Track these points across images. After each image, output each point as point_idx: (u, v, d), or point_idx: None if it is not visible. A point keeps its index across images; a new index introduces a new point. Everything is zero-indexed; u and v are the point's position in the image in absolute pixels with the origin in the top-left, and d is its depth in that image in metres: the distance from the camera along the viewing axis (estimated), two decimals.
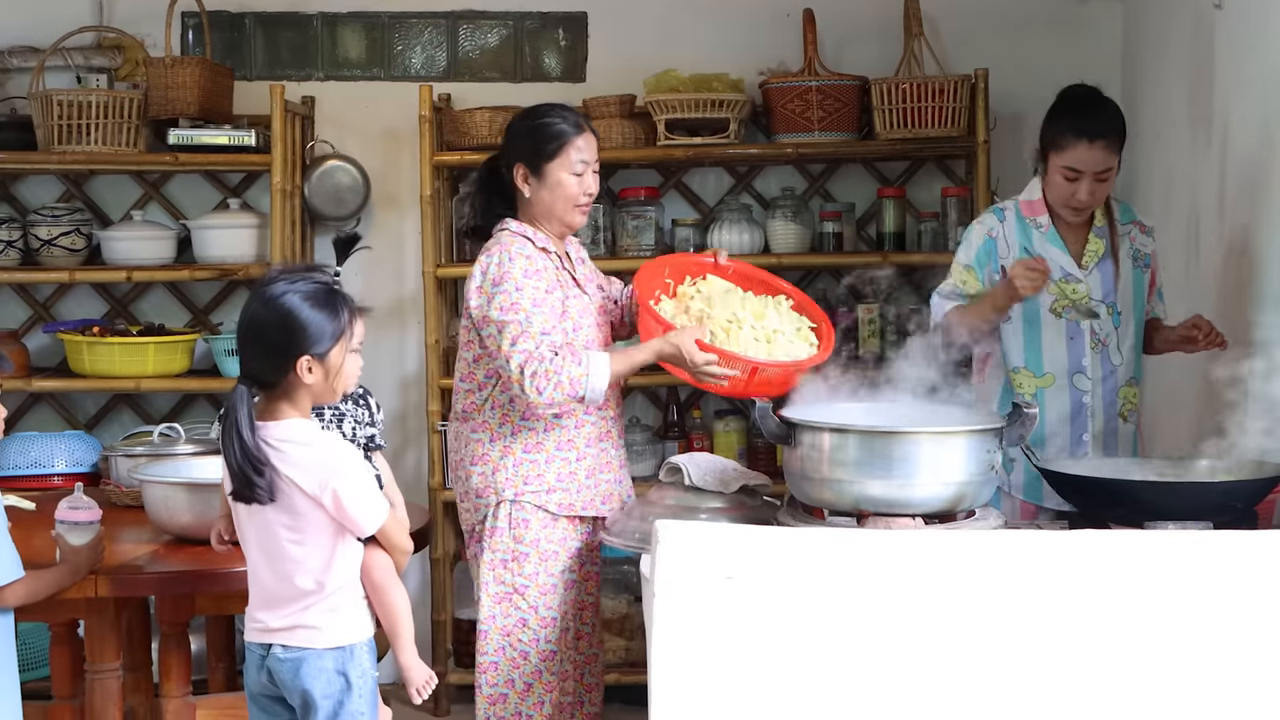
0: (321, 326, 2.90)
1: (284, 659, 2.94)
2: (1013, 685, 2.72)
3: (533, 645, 3.51)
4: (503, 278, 3.45)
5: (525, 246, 3.52)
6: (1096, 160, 3.67)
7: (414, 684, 3.12)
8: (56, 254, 5.08)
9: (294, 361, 2.89)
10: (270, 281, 2.94)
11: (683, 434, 5.18)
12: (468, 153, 5.00)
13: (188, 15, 5.24)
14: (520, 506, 3.51)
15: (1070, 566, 2.76)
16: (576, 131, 3.58)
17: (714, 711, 2.75)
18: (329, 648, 2.95)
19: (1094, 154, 3.66)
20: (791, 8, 5.17)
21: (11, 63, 5.24)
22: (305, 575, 2.93)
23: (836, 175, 5.29)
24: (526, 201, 3.59)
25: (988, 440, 3.26)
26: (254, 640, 3.00)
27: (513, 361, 3.39)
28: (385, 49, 5.39)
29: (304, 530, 2.92)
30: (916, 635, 2.74)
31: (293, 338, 2.89)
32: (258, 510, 2.91)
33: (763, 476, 3.70)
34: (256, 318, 2.92)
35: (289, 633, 2.95)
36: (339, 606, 2.97)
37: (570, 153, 3.56)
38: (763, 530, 2.91)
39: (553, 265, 3.57)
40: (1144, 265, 3.86)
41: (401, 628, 3.10)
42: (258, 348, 2.93)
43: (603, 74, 5.22)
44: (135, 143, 4.99)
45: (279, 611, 2.95)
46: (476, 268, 3.53)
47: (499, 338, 3.41)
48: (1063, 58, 5.19)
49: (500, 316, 3.42)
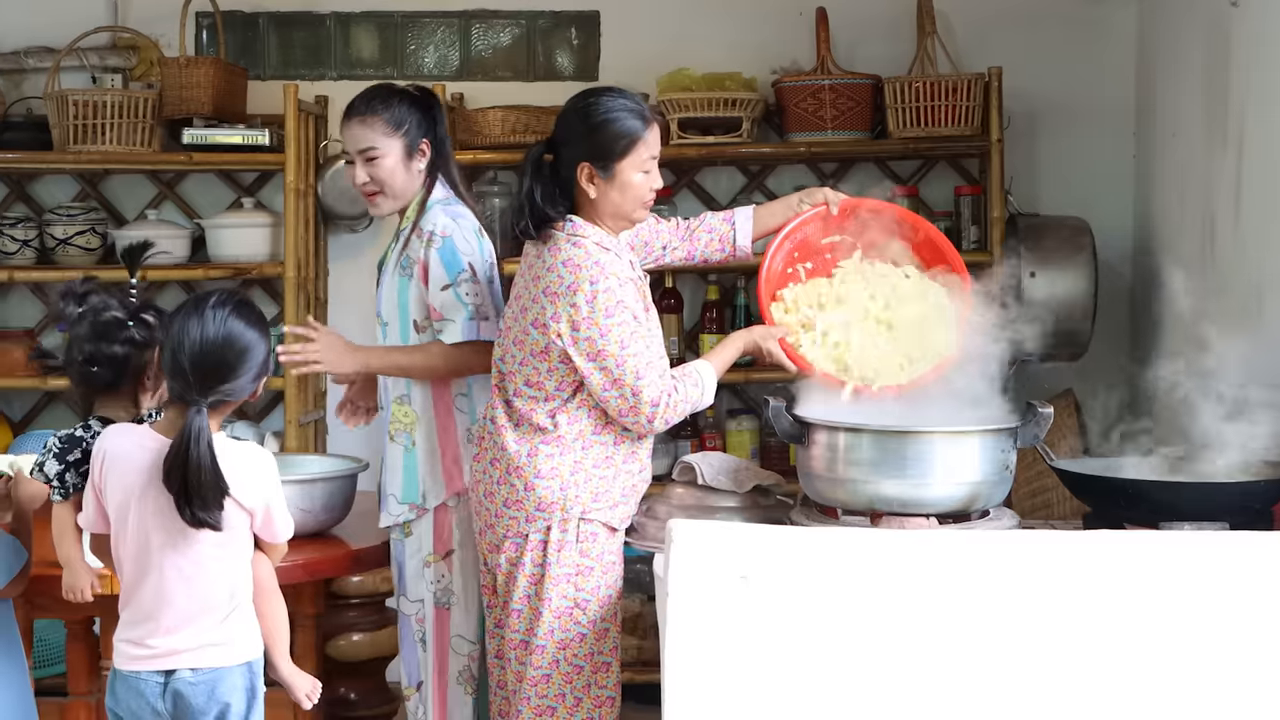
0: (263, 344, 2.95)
1: (196, 681, 2.86)
2: (1027, 685, 2.72)
3: (587, 659, 3.40)
4: (614, 305, 3.31)
5: (614, 261, 3.38)
6: (352, 137, 3.66)
7: (302, 689, 3.04)
8: (72, 253, 5.10)
9: (260, 382, 2.93)
10: (204, 304, 2.89)
11: (695, 433, 5.18)
12: (481, 152, 5.00)
13: (202, 15, 5.25)
14: (589, 523, 3.40)
15: (1085, 567, 2.76)
16: (646, 126, 3.40)
17: (727, 711, 2.75)
18: (238, 663, 2.90)
19: (349, 130, 3.67)
20: (804, 6, 5.17)
21: (27, 63, 5.26)
22: (222, 589, 2.88)
23: (849, 174, 5.28)
24: (591, 200, 3.41)
25: (1002, 440, 3.26)
26: (148, 668, 2.88)
27: (643, 396, 3.30)
28: (398, 48, 5.40)
29: (229, 545, 2.87)
30: (930, 635, 2.74)
31: (248, 351, 2.90)
32: (175, 529, 2.83)
33: (776, 476, 3.70)
34: (209, 339, 2.86)
35: (197, 653, 2.87)
36: (245, 618, 2.92)
37: (641, 150, 3.39)
38: (776, 530, 2.92)
39: (636, 275, 3.46)
40: (408, 274, 3.62)
41: (284, 634, 3.03)
42: (216, 369, 2.86)
43: (615, 73, 5.21)
44: (150, 142, 5.00)
45: (187, 631, 2.87)
46: (557, 278, 3.34)
47: (618, 370, 3.30)
48: (1077, 56, 5.20)
49: (619, 351, 3.30)
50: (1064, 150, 5.21)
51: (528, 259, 3.48)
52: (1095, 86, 5.20)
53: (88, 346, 3.03)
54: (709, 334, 5.13)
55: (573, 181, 3.40)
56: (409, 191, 3.66)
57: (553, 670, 3.39)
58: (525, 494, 3.39)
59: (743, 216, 3.72)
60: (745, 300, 5.16)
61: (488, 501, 3.47)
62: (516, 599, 3.42)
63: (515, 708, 3.43)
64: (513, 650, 3.44)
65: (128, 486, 2.85)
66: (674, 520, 2.87)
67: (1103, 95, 5.20)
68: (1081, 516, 3.53)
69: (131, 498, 2.85)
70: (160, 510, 2.83)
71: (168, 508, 2.83)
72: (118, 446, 2.88)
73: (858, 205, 3.67)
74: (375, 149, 3.60)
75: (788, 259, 3.66)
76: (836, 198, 3.65)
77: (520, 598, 3.41)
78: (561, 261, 3.35)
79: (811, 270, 3.67)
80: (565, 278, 3.33)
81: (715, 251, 3.73)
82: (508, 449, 3.41)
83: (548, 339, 3.35)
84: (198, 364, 2.84)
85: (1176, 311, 4.07)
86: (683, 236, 3.72)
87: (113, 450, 2.88)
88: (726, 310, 5.19)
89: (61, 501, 3.00)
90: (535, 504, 3.38)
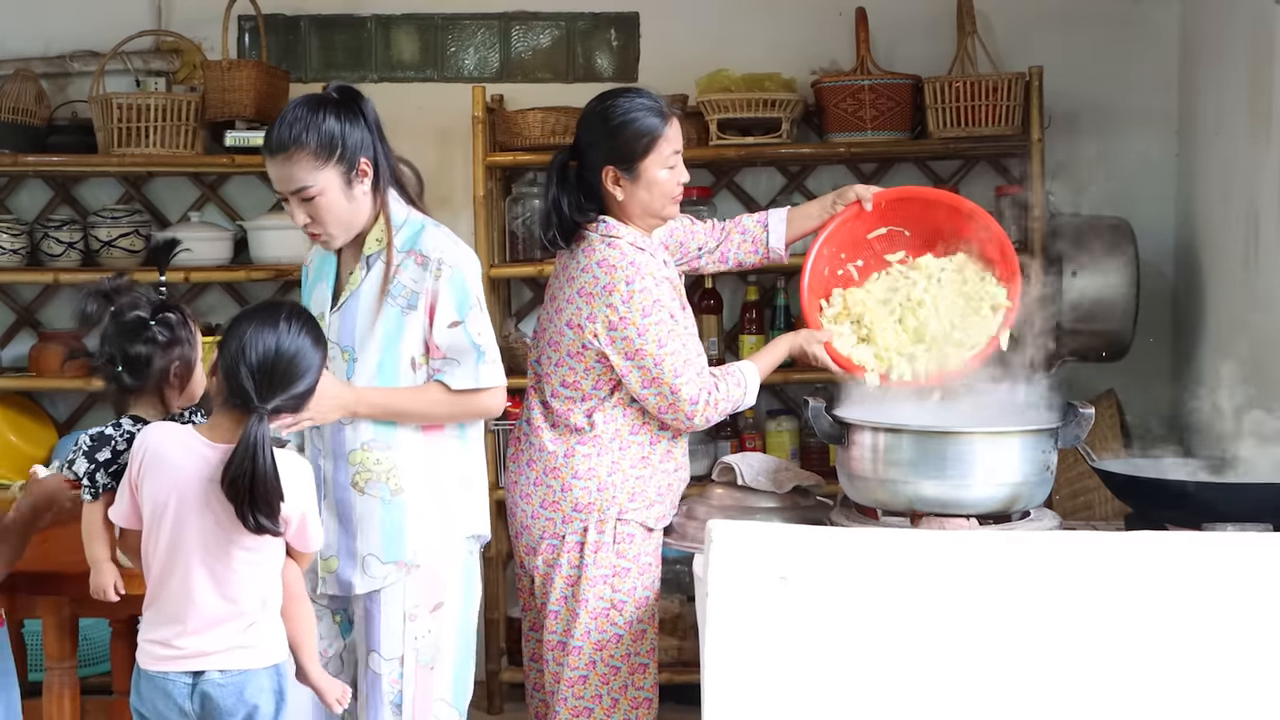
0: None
1: (225, 683, 2.85)
2: (1069, 687, 2.71)
3: (624, 660, 3.43)
4: (651, 304, 3.33)
5: (649, 261, 3.39)
6: (278, 177, 3.14)
7: (332, 694, 3.02)
8: (116, 255, 5.13)
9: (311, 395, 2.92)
10: (277, 315, 2.89)
11: (735, 433, 5.18)
12: (521, 153, 5.01)
13: (244, 18, 5.29)
14: (625, 523, 3.42)
15: (1127, 568, 2.75)
16: (665, 122, 3.41)
17: (766, 711, 2.75)
18: (265, 666, 2.89)
19: (274, 169, 3.14)
20: (844, 6, 5.16)
21: (72, 67, 5.31)
22: (254, 595, 2.87)
23: (889, 174, 5.26)
24: (619, 202, 3.43)
25: (1042, 440, 3.25)
26: (175, 669, 2.87)
27: (682, 394, 3.33)
28: (438, 50, 5.42)
29: (263, 550, 2.86)
30: (970, 636, 2.73)
31: (310, 370, 2.90)
32: (211, 532, 2.83)
33: (816, 476, 3.70)
34: (282, 350, 2.86)
35: (227, 655, 2.86)
36: (273, 622, 2.92)
37: (662, 146, 3.40)
38: (816, 530, 2.92)
39: (671, 273, 3.48)
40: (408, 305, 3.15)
41: (312, 639, 3.02)
42: (287, 381, 2.86)
43: (654, 74, 5.22)
44: (193, 145, 5.04)
45: (215, 633, 2.86)
46: (592, 279, 3.36)
47: (656, 368, 3.33)
48: (1118, 55, 5.17)
49: (657, 350, 3.32)
50: (1105, 149, 5.18)
51: (561, 260, 3.49)
52: (1137, 85, 5.18)
53: (112, 346, 3.03)
54: (748, 335, 5.13)
55: (599, 185, 3.41)
56: (359, 219, 3.16)
57: (589, 671, 3.40)
58: (562, 495, 3.40)
59: (776, 218, 3.72)
60: (785, 301, 5.15)
61: (524, 503, 3.48)
62: (553, 600, 3.43)
63: (553, 709, 3.44)
64: (550, 652, 3.45)
65: (166, 485, 2.84)
66: (713, 521, 2.88)
67: (1144, 94, 5.17)
68: (1123, 517, 3.51)
69: (170, 497, 2.84)
70: (199, 513, 2.83)
71: (207, 511, 2.82)
72: (159, 445, 2.87)
73: (893, 196, 3.67)
74: (309, 187, 3.09)
75: (833, 260, 3.67)
76: (868, 194, 3.65)
77: (557, 599, 3.42)
78: (596, 262, 3.36)
79: (863, 267, 3.67)
80: (601, 278, 3.34)
81: (748, 253, 3.73)
82: (545, 449, 3.43)
83: (584, 339, 3.36)
84: (265, 373, 2.82)
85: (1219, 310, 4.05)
86: (717, 238, 3.72)
87: (154, 448, 2.86)
88: (766, 311, 5.19)
89: (91, 501, 3.00)
90: (572, 505, 3.39)
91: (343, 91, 3.18)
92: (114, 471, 2.96)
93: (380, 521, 3.14)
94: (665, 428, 3.44)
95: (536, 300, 5.35)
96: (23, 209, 5.38)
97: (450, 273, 3.13)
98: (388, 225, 3.17)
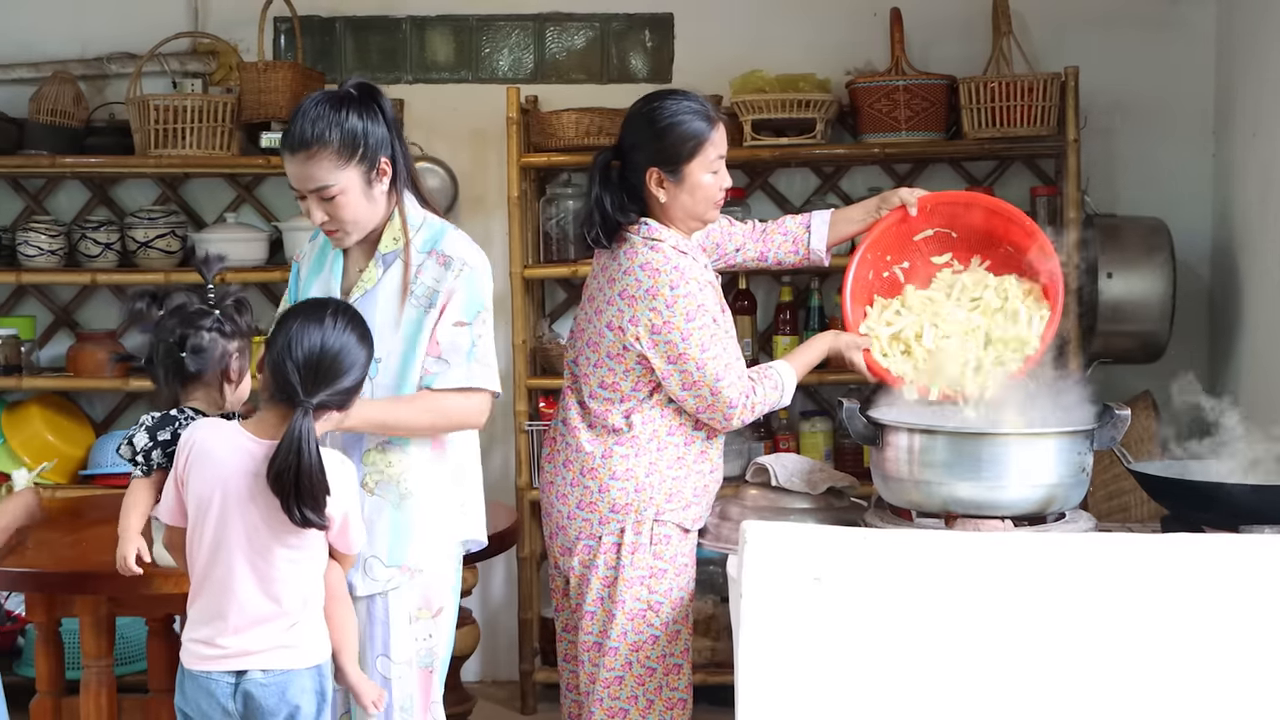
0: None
1: (267, 683, 2.86)
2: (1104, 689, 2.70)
3: (660, 661, 3.42)
4: (695, 309, 3.33)
5: (693, 265, 3.39)
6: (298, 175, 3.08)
7: (369, 696, 3.02)
8: (153, 256, 5.17)
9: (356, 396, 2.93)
10: (323, 312, 2.91)
11: (769, 434, 5.18)
12: (555, 154, 5.02)
13: (280, 20, 5.31)
14: (662, 524, 3.41)
15: (1163, 570, 2.74)
16: (711, 126, 3.40)
17: (800, 713, 2.75)
18: (308, 666, 2.90)
19: (294, 168, 3.08)
20: (878, 7, 5.15)
21: (110, 69, 5.35)
22: (296, 595, 2.87)
23: (924, 175, 5.25)
24: (661, 204, 3.41)
25: (1078, 442, 3.24)
26: (219, 668, 2.87)
27: (721, 397, 3.33)
28: (473, 51, 5.43)
29: (303, 549, 2.87)
30: (1005, 638, 2.72)
31: (355, 366, 2.91)
32: (255, 528, 2.84)
33: (850, 477, 3.69)
34: (328, 346, 2.87)
35: (270, 654, 2.87)
36: (315, 622, 2.92)
37: (707, 150, 3.39)
38: (850, 531, 2.91)
39: (712, 277, 3.48)
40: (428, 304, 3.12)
41: (352, 641, 3.02)
42: (332, 376, 2.87)
43: (689, 75, 5.22)
44: (229, 146, 5.06)
45: (258, 632, 2.86)
46: (634, 282, 3.35)
47: (698, 372, 3.33)
48: (1155, 55, 5.14)
49: (700, 354, 3.32)
50: (1142, 150, 5.16)
51: (600, 261, 3.49)
52: (1173, 85, 5.15)
53: (178, 332, 3.02)
54: (782, 335, 5.13)
55: (641, 186, 3.41)
56: (375, 218, 3.13)
57: (625, 672, 3.40)
58: (599, 496, 3.40)
59: (819, 219, 3.71)
60: (819, 302, 5.15)
61: (560, 503, 3.48)
62: (589, 601, 3.43)
63: (588, 710, 3.44)
64: (585, 653, 3.45)
65: (211, 481, 2.84)
66: (747, 522, 2.88)
67: (1181, 94, 5.15)
68: (1159, 519, 3.50)
69: (215, 493, 2.84)
70: (243, 509, 2.83)
71: (251, 507, 2.83)
72: (205, 441, 2.87)
73: (938, 200, 3.65)
74: (330, 186, 3.05)
75: (877, 264, 3.65)
76: (913, 198, 3.63)
77: (593, 600, 3.43)
78: (639, 265, 3.36)
79: (909, 269, 3.65)
80: (643, 281, 3.34)
81: (788, 253, 3.72)
82: (582, 449, 3.43)
83: (625, 341, 3.36)
84: (311, 368, 2.83)
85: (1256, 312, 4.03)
86: (756, 238, 3.72)
87: (200, 444, 2.87)
88: (800, 312, 5.18)
89: (141, 478, 3.01)
90: (609, 506, 3.39)
91: (361, 88, 3.14)
92: (170, 453, 2.97)
93: (389, 524, 3.12)
94: (700, 428, 3.44)
95: (570, 301, 5.35)
96: (61, 210, 5.42)
97: (470, 274, 3.12)
98: (404, 224, 3.15)
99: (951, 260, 3.66)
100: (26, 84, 5.28)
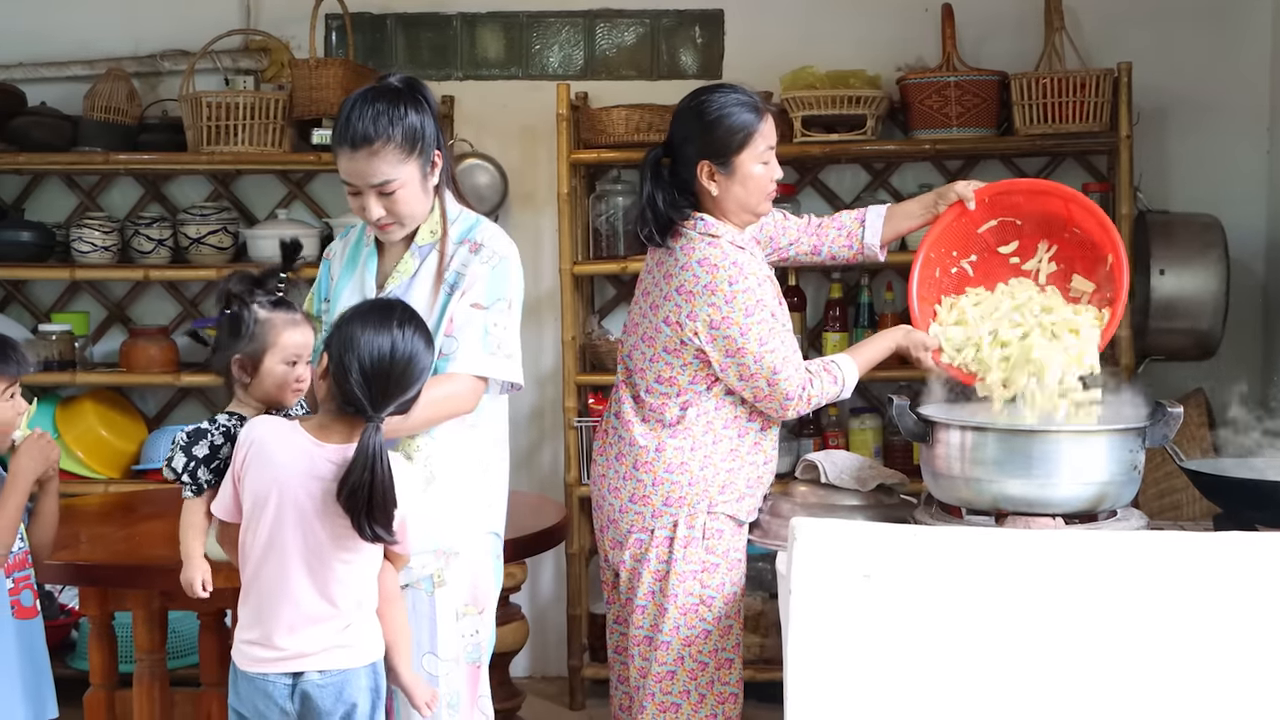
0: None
1: (324, 683, 2.85)
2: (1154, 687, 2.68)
3: (712, 656, 3.42)
4: (754, 304, 3.33)
5: (750, 260, 3.39)
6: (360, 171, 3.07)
7: (421, 697, 3.00)
8: (205, 252, 5.21)
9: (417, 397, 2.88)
10: (389, 319, 2.84)
11: (818, 431, 5.17)
12: (605, 151, 5.03)
13: (331, 17, 5.34)
14: (715, 517, 3.41)
15: (1215, 569, 2.72)
16: (760, 117, 3.40)
17: (849, 709, 2.74)
18: (363, 664, 2.89)
19: (355, 164, 3.06)
20: (930, 3, 5.13)
21: (163, 66, 5.39)
22: (350, 597, 2.86)
23: (975, 171, 5.22)
24: (714, 197, 3.41)
25: (1130, 440, 3.21)
26: (276, 670, 2.86)
27: (779, 388, 3.34)
28: (523, 48, 5.44)
29: (357, 551, 2.84)
30: (1055, 636, 2.71)
31: (423, 374, 2.88)
32: (310, 530, 2.82)
33: (899, 474, 3.68)
34: (397, 356, 2.82)
35: (326, 655, 2.85)
36: (369, 621, 2.91)
37: (757, 141, 3.39)
38: (900, 529, 2.90)
39: (770, 272, 3.47)
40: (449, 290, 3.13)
41: (406, 641, 3.01)
42: (398, 387, 2.83)
43: (739, 71, 5.21)
44: (280, 143, 5.10)
45: (312, 633, 2.85)
46: (692, 277, 3.35)
47: (756, 365, 3.33)
48: (1209, 50, 5.10)
49: (759, 348, 3.32)
50: (1195, 146, 5.12)
51: (655, 256, 3.49)
52: (1228, 81, 5.11)
53: (243, 291, 2.99)
54: (831, 332, 5.12)
55: (693, 181, 3.41)
56: (425, 210, 3.15)
57: (677, 667, 3.40)
58: (653, 489, 3.40)
59: (874, 214, 3.70)
60: (869, 298, 5.13)
61: (611, 497, 3.48)
62: (641, 595, 3.43)
63: (639, 704, 3.44)
64: (636, 647, 3.45)
65: (268, 479, 2.83)
66: (797, 518, 2.87)
67: (1236, 90, 5.10)
68: (1212, 518, 3.47)
69: (271, 491, 2.83)
70: (299, 509, 2.82)
71: (311, 513, 2.82)
72: (265, 438, 2.85)
73: (996, 190, 3.61)
74: (392, 180, 3.06)
75: (943, 260, 3.62)
76: (970, 192, 3.60)
77: (645, 594, 3.43)
78: (697, 260, 3.36)
79: (977, 263, 3.62)
80: (702, 277, 3.34)
81: (843, 248, 3.70)
82: (636, 443, 3.43)
83: (683, 336, 3.37)
84: (381, 380, 2.80)
85: None
86: (810, 232, 3.71)
87: (260, 442, 2.85)
88: (850, 309, 5.17)
89: (193, 498, 2.98)
90: (662, 499, 3.39)
91: (408, 82, 3.12)
92: (216, 468, 2.95)
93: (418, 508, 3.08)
94: (754, 419, 3.43)
95: (620, 297, 5.36)
96: (114, 207, 5.47)
97: (497, 261, 3.12)
98: (443, 217, 3.16)
99: (1017, 249, 3.61)
100: (81, 81, 5.33)
